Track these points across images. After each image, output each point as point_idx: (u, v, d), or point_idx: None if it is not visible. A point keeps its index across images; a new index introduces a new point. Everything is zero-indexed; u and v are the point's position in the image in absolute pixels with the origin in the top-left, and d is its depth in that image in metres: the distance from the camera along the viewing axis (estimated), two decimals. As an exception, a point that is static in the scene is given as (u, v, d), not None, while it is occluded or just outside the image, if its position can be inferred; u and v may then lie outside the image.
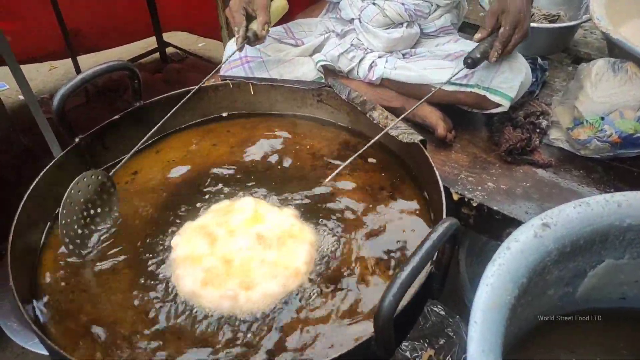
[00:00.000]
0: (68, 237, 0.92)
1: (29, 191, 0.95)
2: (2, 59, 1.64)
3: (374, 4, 1.47)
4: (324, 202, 1.05)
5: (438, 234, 0.70)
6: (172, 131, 1.24)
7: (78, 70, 2.79)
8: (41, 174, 0.99)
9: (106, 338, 0.83)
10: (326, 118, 1.25)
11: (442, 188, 0.92)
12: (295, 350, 0.80)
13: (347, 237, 0.97)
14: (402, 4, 1.45)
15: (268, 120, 1.27)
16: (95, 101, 2.87)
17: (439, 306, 1.51)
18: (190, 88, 1.21)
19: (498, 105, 1.35)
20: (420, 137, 1.03)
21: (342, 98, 1.17)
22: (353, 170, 1.12)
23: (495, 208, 1.23)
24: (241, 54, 1.43)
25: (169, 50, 3.24)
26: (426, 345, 1.44)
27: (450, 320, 1.48)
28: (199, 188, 1.09)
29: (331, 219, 1.01)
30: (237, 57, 1.43)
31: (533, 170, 1.34)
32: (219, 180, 1.11)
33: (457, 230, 0.72)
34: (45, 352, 0.85)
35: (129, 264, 0.94)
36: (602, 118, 1.28)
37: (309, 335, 0.82)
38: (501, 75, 1.32)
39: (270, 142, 1.21)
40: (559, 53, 1.82)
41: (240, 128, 1.26)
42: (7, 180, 2.18)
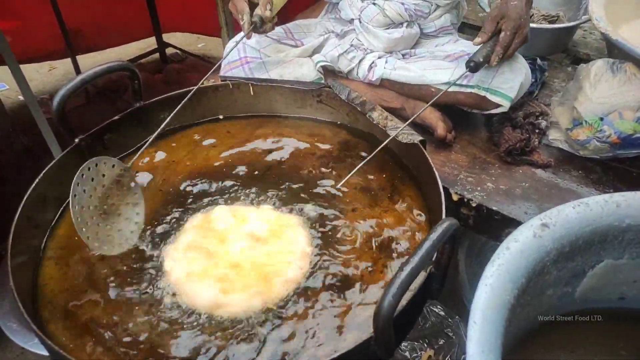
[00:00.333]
0: (84, 227, 0.89)
1: (29, 191, 0.95)
2: (2, 59, 1.64)
3: (374, 4, 1.47)
4: (324, 203, 1.05)
5: (437, 234, 0.70)
6: (172, 131, 1.24)
7: (78, 70, 2.79)
8: (41, 175, 0.99)
9: (106, 338, 0.83)
10: (326, 118, 1.25)
11: (442, 188, 0.92)
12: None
13: (347, 237, 0.97)
14: (402, 4, 1.45)
15: (268, 120, 1.28)
16: (95, 102, 2.87)
17: (439, 306, 1.51)
18: (191, 88, 1.21)
19: (498, 105, 1.35)
20: (419, 138, 1.03)
21: (342, 98, 1.18)
22: (353, 170, 1.12)
23: (494, 208, 1.23)
24: (241, 55, 1.43)
25: (169, 50, 3.24)
26: (426, 345, 1.44)
27: (449, 320, 1.48)
28: (199, 188, 1.10)
29: (331, 219, 1.01)
30: (237, 58, 1.44)
31: (532, 170, 1.34)
32: (219, 181, 1.11)
33: (457, 230, 0.72)
34: (45, 353, 0.85)
35: (130, 265, 0.94)
36: (601, 119, 1.28)
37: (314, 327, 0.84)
38: (501, 75, 1.33)
39: (270, 143, 1.21)
40: (559, 54, 1.82)
41: (240, 128, 1.26)
42: (7, 180, 2.18)
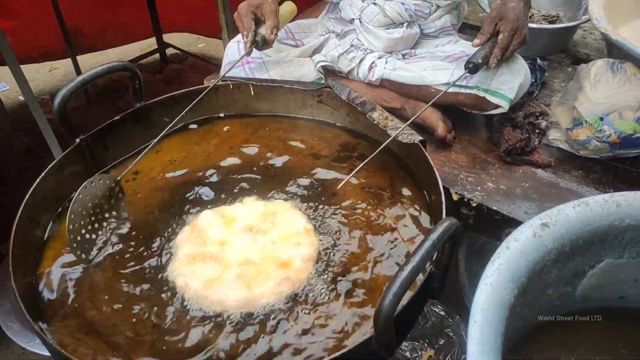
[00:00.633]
0: (75, 242, 0.92)
1: (30, 191, 0.95)
2: (2, 59, 1.65)
3: (375, 4, 1.47)
4: (324, 203, 1.05)
5: (438, 234, 0.70)
6: (172, 131, 1.24)
7: (78, 71, 2.79)
8: (42, 175, 0.99)
9: (108, 338, 0.83)
10: (326, 119, 1.25)
11: (442, 188, 0.92)
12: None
13: (347, 237, 0.98)
14: (403, 4, 1.45)
15: (268, 120, 1.28)
16: (95, 102, 2.87)
17: (439, 306, 1.51)
18: (193, 88, 1.22)
19: (497, 106, 1.35)
20: (420, 138, 1.03)
21: (342, 99, 1.18)
22: (353, 170, 1.12)
23: (494, 208, 1.23)
24: (241, 55, 1.43)
25: (169, 51, 3.24)
26: (426, 345, 1.45)
27: (450, 320, 1.49)
28: (199, 189, 1.10)
29: (331, 219, 1.01)
30: (237, 58, 1.44)
31: (532, 170, 1.34)
32: (219, 181, 1.11)
33: (457, 230, 0.72)
34: (46, 353, 0.85)
35: (132, 265, 0.95)
36: (601, 118, 1.28)
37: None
38: (500, 76, 1.33)
39: (270, 143, 1.21)
40: (558, 54, 1.82)
41: (240, 129, 1.26)
42: (8, 180, 2.18)
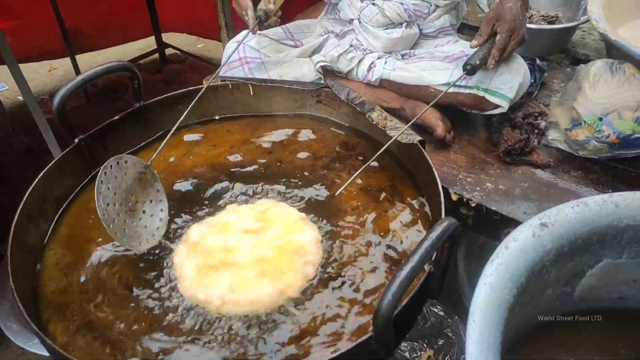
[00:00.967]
0: (111, 223, 0.91)
1: (29, 191, 0.95)
2: (1, 59, 1.64)
3: (374, 4, 1.47)
4: (323, 203, 1.05)
5: (437, 234, 0.70)
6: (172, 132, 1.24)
7: (77, 71, 2.79)
8: (41, 174, 0.99)
9: (107, 338, 0.83)
10: (325, 119, 1.26)
11: (441, 188, 0.92)
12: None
13: (347, 237, 0.98)
14: (402, 4, 1.45)
15: (267, 121, 1.28)
16: (95, 102, 2.87)
17: (438, 307, 1.51)
18: (193, 87, 1.22)
19: (497, 106, 1.35)
20: (419, 138, 1.03)
21: (341, 99, 1.18)
22: (352, 170, 1.12)
23: (493, 208, 1.23)
24: (241, 55, 1.43)
25: (169, 51, 3.24)
26: (425, 345, 1.44)
27: (449, 320, 1.48)
28: (199, 190, 1.10)
29: (330, 219, 1.01)
30: (237, 58, 1.44)
31: (531, 170, 1.34)
32: (220, 181, 1.11)
33: (456, 230, 0.72)
34: (45, 353, 0.85)
35: (132, 266, 0.94)
36: (600, 119, 1.28)
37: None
38: (500, 76, 1.33)
39: (269, 143, 1.21)
40: (557, 54, 1.82)
41: (239, 129, 1.26)
42: (8, 180, 2.18)
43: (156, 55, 3.21)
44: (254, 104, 1.28)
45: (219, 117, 1.28)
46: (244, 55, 1.44)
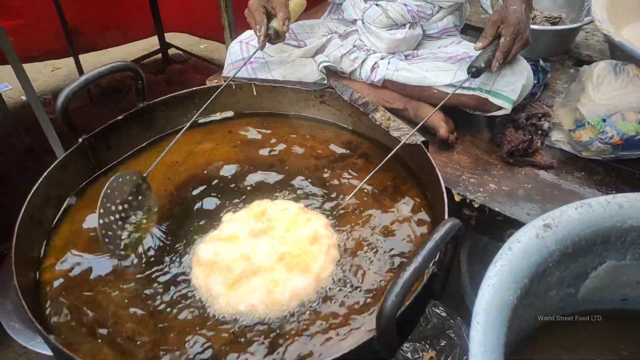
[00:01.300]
0: (107, 237, 0.92)
1: (33, 190, 0.95)
2: (4, 58, 1.65)
3: (377, 5, 1.47)
4: (326, 203, 1.05)
5: (440, 235, 0.70)
6: (174, 131, 1.24)
7: (81, 71, 2.80)
8: (45, 173, 0.99)
9: (110, 337, 0.83)
10: (328, 119, 1.26)
11: (444, 189, 0.92)
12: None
13: (349, 238, 0.98)
14: (405, 5, 1.45)
15: (270, 121, 1.28)
16: (98, 102, 2.88)
17: (441, 307, 1.51)
18: (197, 88, 1.22)
19: (500, 108, 1.35)
20: (422, 138, 1.03)
21: (345, 99, 1.18)
22: (354, 171, 1.12)
23: (496, 209, 1.23)
24: (244, 55, 1.43)
25: (172, 51, 3.24)
26: (427, 346, 1.45)
27: (451, 321, 1.49)
28: (200, 190, 1.10)
29: (333, 219, 1.01)
30: (240, 58, 1.44)
31: (535, 171, 1.34)
32: (221, 181, 1.12)
33: (460, 230, 0.72)
34: (47, 352, 0.85)
35: (134, 265, 0.95)
36: (604, 120, 1.28)
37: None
38: (503, 78, 1.33)
39: (272, 143, 1.21)
40: (561, 55, 1.82)
41: (242, 129, 1.26)
42: (9, 180, 2.18)
43: (159, 55, 3.21)
44: (257, 104, 1.28)
45: (222, 118, 1.28)
46: (247, 55, 1.44)
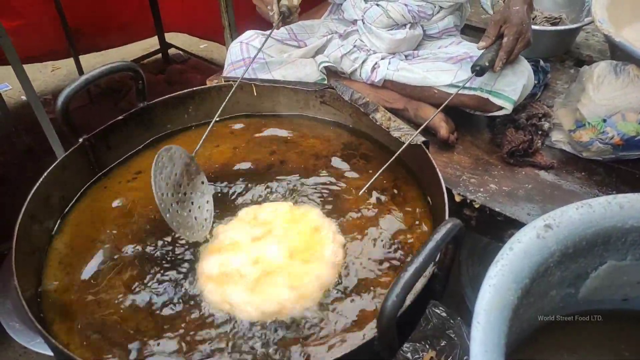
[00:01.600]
0: (168, 213, 0.92)
1: (34, 190, 0.95)
2: (5, 59, 1.65)
3: (378, 5, 1.47)
4: (327, 203, 1.05)
5: (441, 235, 0.70)
6: (175, 132, 1.24)
7: (81, 71, 2.79)
8: (45, 174, 0.99)
9: (111, 337, 0.83)
10: (329, 119, 1.26)
11: (445, 189, 0.92)
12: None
13: (350, 238, 0.97)
14: (406, 5, 1.45)
15: (271, 121, 1.28)
16: (98, 102, 2.87)
17: (441, 308, 1.51)
18: (197, 88, 1.22)
19: (501, 108, 1.35)
20: (423, 139, 1.03)
21: (345, 99, 1.18)
22: (355, 171, 1.12)
23: (497, 209, 1.23)
24: (244, 55, 1.43)
25: (172, 51, 3.24)
26: (427, 346, 1.44)
27: (451, 321, 1.48)
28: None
29: (334, 220, 1.01)
30: (240, 58, 1.44)
31: (535, 172, 1.34)
32: (222, 182, 1.11)
33: (460, 231, 0.72)
34: (47, 352, 0.85)
35: (134, 265, 0.94)
36: (604, 120, 1.28)
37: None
38: (504, 78, 1.33)
39: (272, 143, 1.21)
40: (561, 55, 1.82)
41: (242, 129, 1.26)
42: (9, 180, 2.18)
43: (159, 55, 3.21)
44: (257, 105, 1.28)
45: (222, 118, 1.28)
46: (248, 55, 1.44)
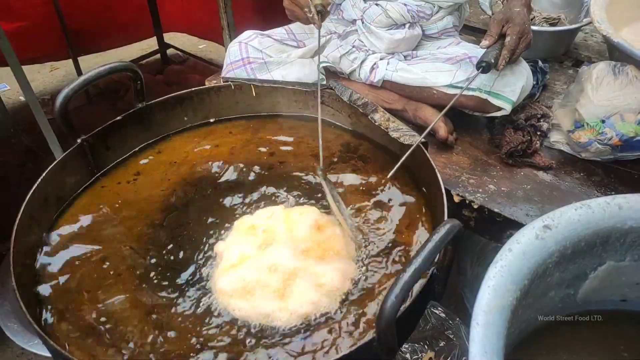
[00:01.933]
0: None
1: (32, 191, 0.95)
2: (4, 60, 1.64)
3: (377, 5, 1.47)
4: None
5: (440, 236, 0.70)
6: (174, 132, 1.24)
7: (79, 71, 2.79)
8: (44, 174, 0.99)
9: (110, 339, 0.83)
10: (328, 119, 1.25)
11: (444, 190, 0.92)
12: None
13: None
14: (405, 5, 1.45)
15: (269, 121, 1.28)
16: (96, 102, 2.87)
17: (439, 308, 1.51)
18: (196, 88, 1.22)
19: (499, 108, 1.35)
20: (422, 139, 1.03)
21: (344, 100, 1.18)
22: (354, 172, 1.12)
23: (496, 210, 1.23)
24: (243, 55, 1.43)
25: (170, 51, 3.24)
26: (426, 347, 1.44)
27: (450, 322, 1.48)
28: (201, 191, 1.10)
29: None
30: (239, 58, 1.44)
31: (534, 172, 1.34)
32: (222, 182, 1.11)
33: (459, 232, 0.72)
34: (45, 353, 0.85)
35: (134, 267, 0.94)
36: (603, 121, 1.28)
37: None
38: (503, 79, 1.33)
39: (271, 143, 1.21)
40: (560, 56, 1.82)
41: (241, 129, 1.26)
42: (8, 180, 2.18)
43: (157, 56, 3.20)
44: (257, 105, 1.28)
45: (221, 118, 1.28)
46: (247, 55, 1.44)
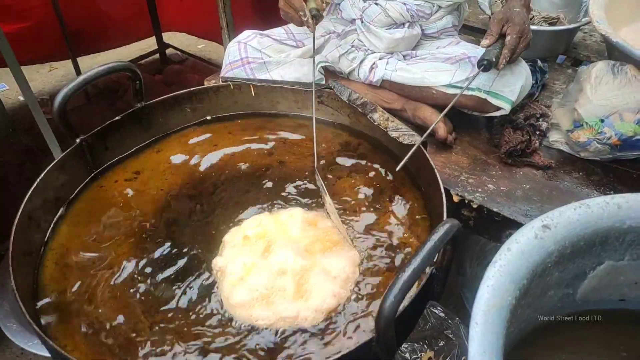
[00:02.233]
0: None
1: (31, 191, 0.95)
2: (3, 60, 1.64)
3: (376, 4, 1.47)
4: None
5: (439, 235, 0.70)
6: (173, 132, 1.24)
7: (78, 71, 2.79)
8: (42, 174, 0.99)
9: (108, 339, 0.83)
10: (327, 119, 1.26)
11: (443, 189, 0.92)
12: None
13: (349, 238, 0.97)
14: (404, 4, 1.45)
15: (269, 121, 1.28)
16: (95, 102, 2.87)
17: (439, 308, 1.51)
18: (195, 88, 1.22)
19: (499, 108, 1.35)
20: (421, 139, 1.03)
21: (343, 99, 1.18)
22: (354, 172, 1.12)
23: (495, 210, 1.23)
24: (242, 55, 1.43)
25: (169, 51, 3.24)
26: (426, 346, 1.44)
27: (449, 322, 1.48)
28: (200, 191, 1.10)
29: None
30: (238, 58, 1.44)
31: (533, 172, 1.34)
32: (221, 182, 1.11)
33: (458, 231, 0.72)
34: (45, 354, 0.85)
35: (133, 267, 0.94)
36: (602, 120, 1.28)
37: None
38: (502, 78, 1.33)
39: (270, 143, 1.21)
40: (559, 55, 1.82)
41: (241, 129, 1.26)
42: (8, 180, 2.18)
43: (156, 55, 3.20)
44: (256, 105, 1.28)
45: (220, 117, 1.28)
46: (246, 55, 1.44)
